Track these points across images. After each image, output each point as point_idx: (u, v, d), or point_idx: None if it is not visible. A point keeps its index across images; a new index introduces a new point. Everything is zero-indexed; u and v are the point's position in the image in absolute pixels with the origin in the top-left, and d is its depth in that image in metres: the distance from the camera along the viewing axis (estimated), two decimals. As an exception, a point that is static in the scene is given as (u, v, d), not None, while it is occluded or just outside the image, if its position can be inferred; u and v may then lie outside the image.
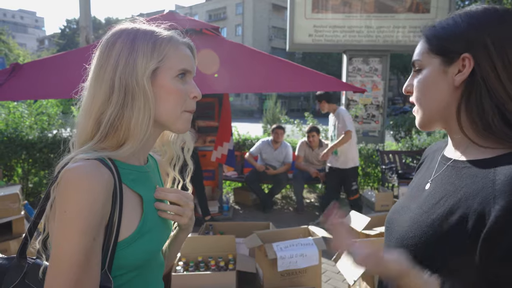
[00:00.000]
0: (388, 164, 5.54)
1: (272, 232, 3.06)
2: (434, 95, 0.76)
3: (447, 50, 0.74)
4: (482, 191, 0.65)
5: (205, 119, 5.07)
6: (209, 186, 5.14)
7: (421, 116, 0.80)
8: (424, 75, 0.77)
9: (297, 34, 8.08)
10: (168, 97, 0.78)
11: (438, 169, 0.83)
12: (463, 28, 0.73)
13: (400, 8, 7.99)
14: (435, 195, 0.77)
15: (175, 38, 0.80)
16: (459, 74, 0.73)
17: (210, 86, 3.06)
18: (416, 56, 0.80)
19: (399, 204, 0.91)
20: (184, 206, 0.85)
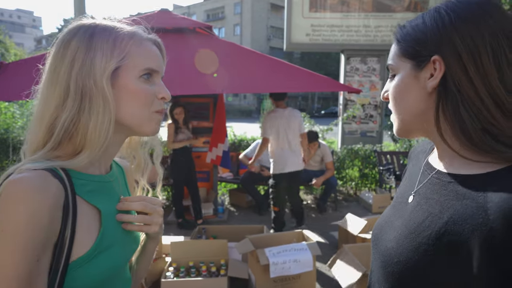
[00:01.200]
0: (385, 165, 5.46)
1: (265, 237, 2.98)
2: (408, 102, 0.69)
3: (417, 53, 0.67)
4: (472, 218, 0.56)
5: (200, 120, 4.99)
6: (203, 188, 5.06)
7: (398, 125, 0.73)
8: (397, 81, 0.71)
9: (294, 33, 8.00)
10: (132, 99, 0.70)
11: (422, 179, 0.75)
12: (431, 27, 0.66)
13: (398, 7, 7.92)
14: (419, 212, 0.69)
15: (138, 34, 0.72)
16: (431, 79, 0.65)
17: (202, 86, 2.98)
18: (389, 60, 0.73)
19: (384, 218, 0.82)
20: (152, 213, 0.77)
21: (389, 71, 0.74)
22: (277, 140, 3.86)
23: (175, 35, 3.66)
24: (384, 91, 0.76)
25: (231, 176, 5.55)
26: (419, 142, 0.94)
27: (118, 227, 0.73)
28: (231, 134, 6.41)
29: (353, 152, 5.87)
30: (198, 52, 3.05)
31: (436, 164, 0.72)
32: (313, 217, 4.88)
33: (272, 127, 3.82)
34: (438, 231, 0.61)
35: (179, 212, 4.46)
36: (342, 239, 3.66)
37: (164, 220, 4.36)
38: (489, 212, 0.54)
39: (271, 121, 3.82)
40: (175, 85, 2.87)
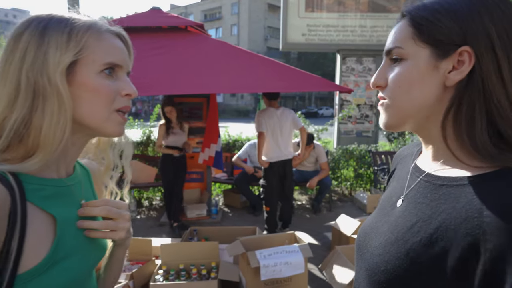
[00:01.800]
0: (380, 165, 5.43)
1: (257, 239, 2.93)
2: (417, 94, 0.61)
3: (442, 40, 0.58)
4: (466, 221, 0.52)
5: (193, 120, 4.94)
6: (197, 188, 5.02)
7: (392, 116, 0.64)
8: (407, 68, 0.61)
9: (290, 33, 7.97)
10: (91, 97, 0.65)
11: (411, 183, 0.69)
12: (463, 12, 0.57)
13: (393, 7, 7.91)
14: (408, 217, 0.64)
15: (97, 25, 0.67)
16: (455, 72, 0.58)
17: (194, 86, 2.93)
18: (396, 43, 0.62)
19: (369, 223, 0.77)
20: (117, 218, 0.72)
21: (388, 55, 0.64)
22: (268, 139, 3.84)
23: (167, 34, 3.62)
24: (378, 77, 0.65)
25: (225, 176, 5.50)
26: (405, 146, 0.89)
27: (80, 234, 0.68)
28: (226, 134, 6.36)
29: (348, 152, 5.83)
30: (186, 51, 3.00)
31: (426, 167, 0.67)
32: (308, 217, 4.84)
33: (265, 125, 3.80)
34: (428, 237, 0.57)
35: (170, 215, 4.36)
36: (336, 240, 3.62)
37: (157, 222, 4.32)
38: (485, 214, 0.49)
39: (264, 119, 3.81)
40: (166, 84, 2.82)
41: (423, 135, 0.67)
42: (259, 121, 3.84)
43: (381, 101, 0.67)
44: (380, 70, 0.67)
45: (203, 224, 4.50)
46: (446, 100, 0.60)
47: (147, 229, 4.36)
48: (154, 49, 3.19)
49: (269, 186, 3.95)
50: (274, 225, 4.04)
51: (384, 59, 0.67)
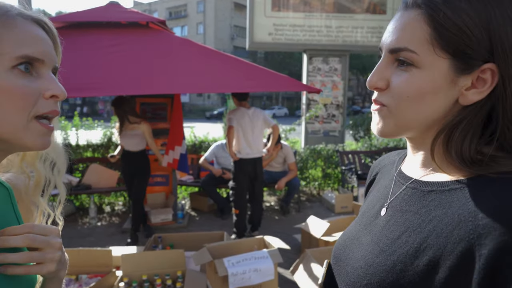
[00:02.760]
0: (347, 165, 5.48)
1: (225, 245, 2.82)
2: (427, 107, 0.52)
3: (469, 54, 0.48)
4: (459, 226, 0.46)
5: (157, 121, 4.72)
6: (162, 192, 4.81)
7: (391, 125, 0.56)
8: (420, 79, 0.51)
9: (256, 32, 7.90)
10: (2, 100, 0.51)
11: (395, 190, 0.63)
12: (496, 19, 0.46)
13: (358, 9, 8.04)
14: (394, 227, 0.57)
15: (4, 8, 0.53)
16: (474, 91, 0.50)
17: (155, 85, 2.76)
18: (408, 43, 0.51)
19: (348, 235, 0.69)
20: (44, 248, 0.58)
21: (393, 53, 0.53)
22: (239, 138, 3.77)
23: (126, 30, 3.41)
24: (379, 78, 0.55)
25: (192, 179, 5.33)
26: (385, 155, 0.81)
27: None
28: (191, 135, 6.17)
29: (316, 152, 5.84)
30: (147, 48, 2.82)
31: (412, 173, 0.61)
32: (276, 219, 4.77)
33: (237, 123, 3.75)
34: (417, 247, 0.50)
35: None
36: (305, 242, 3.58)
37: (119, 229, 4.07)
38: (480, 217, 0.45)
39: (236, 117, 3.77)
40: (124, 84, 2.63)
41: (414, 142, 0.60)
42: (231, 119, 3.79)
43: (377, 106, 0.58)
44: (380, 69, 0.56)
45: (169, 229, 4.32)
46: (450, 115, 0.52)
47: (109, 237, 4.12)
48: (112, 46, 2.98)
49: (239, 188, 3.85)
50: (243, 228, 3.95)
51: (385, 55, 0.56)
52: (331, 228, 3.35)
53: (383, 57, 0.56)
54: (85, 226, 4.51)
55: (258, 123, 3.83)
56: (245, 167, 3.83)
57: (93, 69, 2.72)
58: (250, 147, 3.82)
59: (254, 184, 3.93)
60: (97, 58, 2.86)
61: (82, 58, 2.87)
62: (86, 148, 5.50)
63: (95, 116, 21.45)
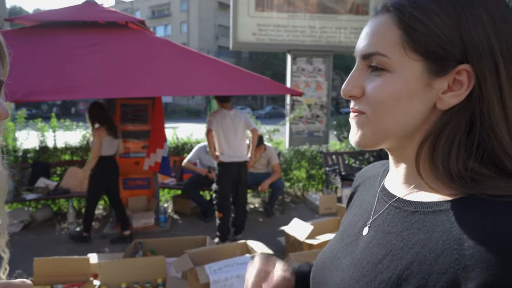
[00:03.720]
0: (331, 166, 5.49)
1: (207, 251, 2.76)
2: (404, 113, 0.50)
3: (442, 54, 0.47)
4: (444, 254, 0.43)
5: (138, 123, 4.62)
6: (144, 195, 4.70)
7: (369, 134, 0.53)
8: (393, 83, 0.49)
9: (240, 32, 7.84)
10: None
11: (378, 208, 0.59)
12: (466, 17, 0.45)
13: (341, 9, 8.08)
14: (375, 250, 0.53)
15: None
16: (450, 94, 0.47)
17: (132, 88, 2.67)
18: (378, 47, 0.49)
19: (328, 254, 0.65)
20: None
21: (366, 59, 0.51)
22: (221, 140, 3.71)
23: (104, 30, 3.30)
24: (353, 85, 0.53)
25: (174, 181, 5.24)
26: (369, 165, 0.78)
27: None
28: (174, 137, 6.07)
29: (300, 153, 5.84)
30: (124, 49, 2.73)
31: (395, 190, 0.57)
32: (261, 221, 4.73)
33: (217, 125, 3.69)
34: (400, 274, 0.47)
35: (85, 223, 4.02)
36: (289, 246, 3.55)
37: (99, 234, 3.96)
38: (466, 246, 0.41)
39: (216, 120, 3.70)
40: (100, 87, 2.54)
41: (396, 154, 0.56)
42: (210, 121, 3.73)
43: (354, 114, 0.54)
44: (354, 77, 0.53)
45: (151, 234, 4.22)
46: (431, 122, 0.50)
47: (88, 243, 4.00)
48: (88, 46, 2.88)
49: (222, 191, 3.80)
50: (227, 232, 3.89)
51: (359, 62, 0.53)
52: (315, 231, 3.33)
53: (356, 64, 0.54)
54: (63, 232, 4.37)
55: (240, 124, 3.78)
56: (229, 171, 3.77)
57: (68, 71, 2.61)
58: (232, 150, 3.76)
59: (237, 187, 3.88)
60: (72, 59, 2.76)
61: (56, 58, 2.76)
62: (64, 151, 5.35)
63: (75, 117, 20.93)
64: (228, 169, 3.77)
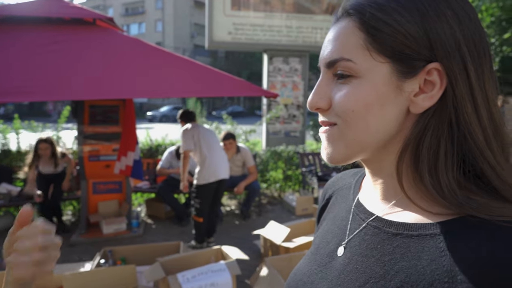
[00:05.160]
0: (308, 166, 5.48)
1: (180, 258, 2.65)
2: (376, 121, 0.45)
3: (408, 54, 0.43)
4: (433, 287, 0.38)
5: (108, 125, 4.43)
6: (115, 200, 4.52)
7: (342, 149, 0.48)
8: (361, 89, 0.45)
9: (216, 31, 7.73)
10: None
11: (354, 226, 0.53)
12: (430, 14, 0.42)
13: (317, 9, 8.11)
14: (353, 275, 0.47)
15: None
16: (423, 96, 0.44)
17: (98, 90, 2.53)
18: (342, 53, 0.46)
19: (301, 275, 0.59)
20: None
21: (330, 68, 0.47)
22: (199, 150, 3.60)
23: (69, 27, 3.12)
24: (320, 97, 0.48)
25: (148, 185, 5.07)
26: (338, 174, 0.71)
27: None
28: (147, 138, 5.89)
29: (276, 154, 5.80)
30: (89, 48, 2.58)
31: (373, 207, 0.51)
32: (237, 224, 4.65)
33: (191, 139, 3.56)
34: None
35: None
36: (266, 249, 3.50)
37: (67, 242, 3.79)
38: (459, 279, 0.37)
39: (188, 134, 3.57)
40: (61, 88, 2.38)
41: (372, 167, 0.51)
42: (187, 139, 3.54)
43: (324, 128, 0.49)
44: (320, 87, 0.49)
45: (123, 240, 4.06)
46: (407, 128, 0.45)
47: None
48: (51, 44, 2.71)
49: (204, 204, 3.69)
50: (204, 235, 3.80)
51: (324, 72, 0.49)
52: (292, 233, 3.29)
53: (321, 74, 0.50)
54: (28, 240, 4.12)
55: (211, 132, 3.73)
56: (211, 187, 3.67)
57: (29, 70, 2.44)
58: (220, 166, 3.65)
59: (216, 196, 3.80)
60: (34, 58, 2.59)
61: (16, 57, 2.58)
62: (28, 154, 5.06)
63: (42, 117, 20.08)
64: (210, 190, 3.68)
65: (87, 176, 4.33)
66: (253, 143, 6.83)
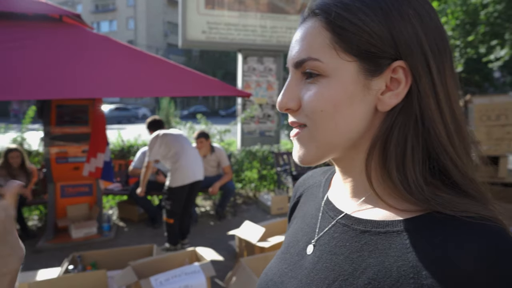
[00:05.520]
0: (283, 166, 5.51)
1: (153, 261, 2.60)
2: (345, 120, 0.46)
3: (374, 52, 0.44)
4: (399, 283, 0.39)
5: (77, 125, 4.28)
6: (85, 203, 4.38)
7: (313, 150, 0.48)
8: (330, 88, 0.45)
9: (189, 30, 7.63)
10: None
11: (323, 224, 0.53)
12: (393, 13, 0.43)
13: (291, 9, 8.17)
14: (322, 274, 0.48)
15: None
16: (390, 94, 0.45)
17: (66, 89, 2.43)
18: (310, 52, 0.46)
19: (272, 275, 0.58)
20: None
21: (299, 67, 0.47)
22: (170, 157, 3.55)
23: (33, 23, 2.98)
24: (289, 97, 0.49)
25: (120, 187, 4.93)
26: (308, 172, 0.71)
27: None
28: (119, 139, 5.74)
29: (251, 153, 5.79)
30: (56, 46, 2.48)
31: (342, 205, 0.52)
32: (212, 225, 4.61)
33: (158, 149, 3.50)
34: None
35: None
36: (241, 249, 3.48)
37: (33, 248, 3.62)
38: (424, 275, 0.37)
39: (155, 144, 3.50)
40: (24, 87, 2.27)
41: (342, 165, 0.52)
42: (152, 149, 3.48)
43: (295, 131, 0.50)
44: (288, 88, 0.49)
45: (94, 244, 3.94)
46: (376, 126, 0.46)
47: (20, 258, 3.61)
48: (14, 41, 2.58)
49: (175, 206, 3.62)
50: (177, 236, 3.73)
51: (292, 72, 0.49)
52: (267, 233, 3.29)
53: (290, 75, 0.50)
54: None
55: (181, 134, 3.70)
56: (182, 194, 3.62)
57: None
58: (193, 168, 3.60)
59: (189, 198, 3.75)
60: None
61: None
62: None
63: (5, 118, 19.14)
64: (183, 192, 3.62)
65: (55, 179, 4.17)
66: (228, 143, 6.80)
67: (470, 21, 6.80)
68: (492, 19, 6.28)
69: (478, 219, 0.39)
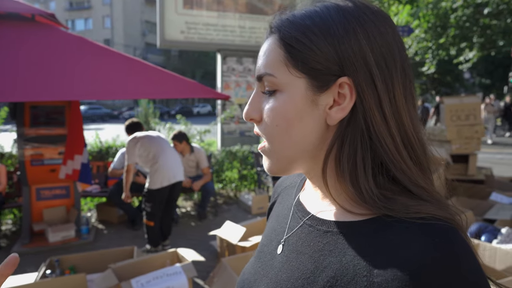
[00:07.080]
0: (263, 166, 5.55)
1: (134, 263, 2.59)
2: (298, 134, 0.49)
3: (319, 69, 0.47)
4: (354, 280, 0.42)
5: (53, 126, 4.18)
6: (62, 206, 4.28)
7: (275, 161, 0.52)
8: (282, 103, 0.49)
9: (168, 30, 7.56)
10: None
11: (293, 224, 0.57)
12: (338, 31, 0.46)
13: (269, 10, 8.23)
14: (289, 273, 0.51)
15: None
16: (336, 109, 0.47)
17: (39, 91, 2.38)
18: (267, 68, 0.50)
19: (247, 274, 0.62)
20: None
21: (260, 81, 0.51)
22: (149, 159, 3.51)
23: (4, 23, 2.90)
24: (252, 109, 0.52)
25: (98, 189, 4.85)
26: None
27: None
28: (97, 140, 5.63)
29: (232, 153, 5.81)
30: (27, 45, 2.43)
31: (310, 206, 0.55)
32: (193, 226, 4.61)
33: (135, 152, 3.46)
34: None
35: None
36: (223, 249, 3.50)
37: (7, 253, 3.50)
38: (375, 273, 0.40)
39: (133, 147, 3.45)
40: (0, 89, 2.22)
41: (306, 174, 0.55)
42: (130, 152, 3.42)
43: (261, 145, 0.54)
44: (253, 99, 0.53)
45: (72, 247, 3.86)
46: (328, 139, 0.49)
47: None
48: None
49: (155, 208, 3.60)
50: (158, 237, 3.71)
51: (257, 84, 0.53)
52: (248, 233, 3.32)
53: (256, 86, 0.54)
54: (-39, 254, 3.78)
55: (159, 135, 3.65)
56: (162, 196, 3.59)
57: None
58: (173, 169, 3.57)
59: (170, 199, 3.73)
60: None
61: None
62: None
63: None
64: (163, 194, 3.60)
65: (30, 181, 4.06)
66: (208, 143, 6.79)
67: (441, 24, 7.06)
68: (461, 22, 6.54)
69: (429, 220, 0.42)
